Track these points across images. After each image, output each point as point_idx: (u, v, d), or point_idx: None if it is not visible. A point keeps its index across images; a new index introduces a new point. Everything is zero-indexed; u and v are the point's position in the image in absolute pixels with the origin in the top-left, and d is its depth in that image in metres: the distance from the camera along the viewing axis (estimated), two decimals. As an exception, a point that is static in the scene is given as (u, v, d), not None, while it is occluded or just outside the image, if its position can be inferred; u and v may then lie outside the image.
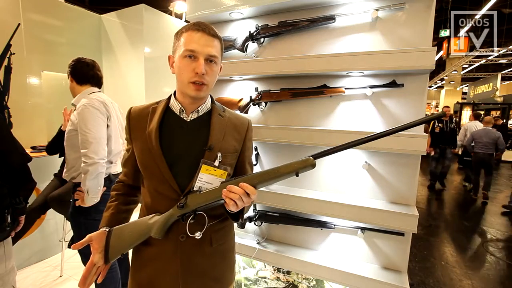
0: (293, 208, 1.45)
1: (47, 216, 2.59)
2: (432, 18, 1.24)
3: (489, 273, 2.73)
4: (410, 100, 1.31)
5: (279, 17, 1.51)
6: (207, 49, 0.80)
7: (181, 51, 0.80)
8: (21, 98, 2.98)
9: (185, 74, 0.80)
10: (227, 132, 0.89)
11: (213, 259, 0.90)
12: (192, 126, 0.87)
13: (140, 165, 0.88)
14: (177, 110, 0.87)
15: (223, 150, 0.86)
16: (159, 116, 0.86)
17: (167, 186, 0.83)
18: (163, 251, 0.85)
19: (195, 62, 0.80)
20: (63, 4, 3.52)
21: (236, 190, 0.75)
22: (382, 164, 1.39)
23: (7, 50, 2.83)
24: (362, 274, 1.34)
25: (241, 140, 0.94)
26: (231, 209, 0.77)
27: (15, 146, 1.27)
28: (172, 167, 0.82)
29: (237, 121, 0.94)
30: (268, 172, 0.77)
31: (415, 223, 1.21)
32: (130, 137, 0.91)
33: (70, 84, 1.70)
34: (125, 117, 0.93)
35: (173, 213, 0.81)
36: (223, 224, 0.94)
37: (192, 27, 0.81)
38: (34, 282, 2.27)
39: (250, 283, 1.75)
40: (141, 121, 0.88)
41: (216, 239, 0.90)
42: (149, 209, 0.88)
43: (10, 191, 1.23)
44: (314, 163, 0.76)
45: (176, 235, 0.85)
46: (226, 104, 1.65)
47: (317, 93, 1.43)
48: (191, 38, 0.80)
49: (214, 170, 0.81)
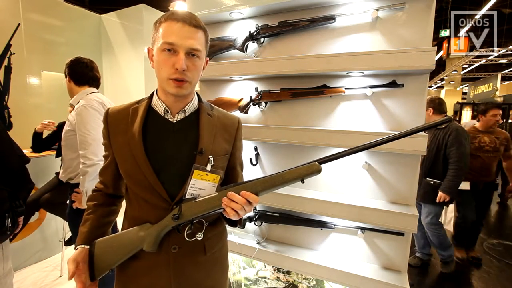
0: (293, 208, 1.45)
1: (47, 216, 2.59)
2: (432, 18, 1.24)
3: (489, 273, 2.73)
4: (410, 100, 1.31)
5: (279, 17, 1.51)
6: (188, 41, 0.70)
7: (159, 44, 0.71)
8: (21, 98, 2.98)
9: (164, 69, 0.72)
10: (217, 133, 0.82)
11: (207, 269, 0.85)
12: (179, 128, 0.79)
13: (123, 173, 0.80)
14: (161, 110, 0.78)
15: (215, 153, 0.79)
16: (141, 118, 0.77)
17: (155, 195, 0.76)
18: (153, 265, 0.78)
19: (175, 56, 0.71)
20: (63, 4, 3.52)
21: (238, 199, 0.69)
22: (382, 164, 1.39)
23: (7, 50, 2.83)
24: (362, 274, 1.34)
25: (232, 141, 0.87)
26: (232, 218, 0.72)
27: (13, 148, 1.27)
28: (160, 174, 0.75)
29: (227, 120, 0.87)
30: (272, 178, 0.72)
31: (415, 223, 1.21)
32: (109, 142, 0.81)
33: (68, 84, 1.68)
34: (102, 120, 0.83)
35: (167, 224, 0.74)
36: (216, 230, 0.88)
37: (171, 16, 0.71)
38: (34, 282, 2.27)
39: (250, 283, 1.75)
40: (121, 124, 0.79)
41: (210, 247, 0.85)
42: (136, 219, 0.79)
43: (10, 194, 1.22)
44: (320, 168, 0.71)
45: (168, 247, 0.78)
46: (226, 104, 1.65)
47: (317, 93, 1.43)
48: (170, 29, 0.70)
49: (207, 175, 0.76)
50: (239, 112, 1.62)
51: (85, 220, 0.84)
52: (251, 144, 1.68)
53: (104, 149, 0.85)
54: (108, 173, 0.85)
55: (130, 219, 0.82)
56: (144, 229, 0.76)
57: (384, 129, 1.36)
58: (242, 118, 1.68)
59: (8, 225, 1.20)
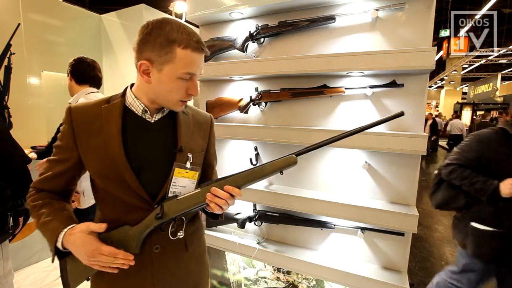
0: (293, 208, 1.45)
1: (47, 216, 2.58)
2: (432, 18, 1.24)
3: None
4: (410, 100, 1.31)
5: (279, 17, 1.51)
6: (201, 67, 0.74)
7: (177, 72, 0.69)
8: (21, 98, 2.98)
9: (178, 94, 0.72)
10: (193, 131, 0.84)
11: (189, 265, 0.85)
12: (157, 128, 0.78)
13: (96, 175, 0.76)
14: (139, 110, 0.76)
15: (193, 151, 0.81)
16: (119, 118, 0.74)
17: (134, 196, 0.74)
18: (135, 267, 0.74)
19: (189, 82, 0.72)
20: (63, 4, 3.52)
21: (222, 194, 0.71)
22: (382, 164, 1.39)
23: (7, 50, 2.82)
24: (362, 274, 1.34)
25: (206, 138, 0.89)
26: (216, 212, 0.74)
27: (15, 148, 1.28)
28: (140, 175, 0.73)
29: (200, 117, 0.89)
30: (253, 172, 0.75)
31: (415, 223, 1.21)
32: (74, 144, 0.74)
33: (69, 83, 1.69)
34: (64, 119, 0.76)
35: (148, 224, 0.73)
36: (195, 226, 0.89)
37: (195, 46, 0.69)
38: (34, 282, 2.27)
39: (250, 283, 1.75)
40: (91, 124, 0.74)
41: (191, 243, 0.85)
42: (113, 223, 0.75)
43: (12, 193, 1.23)
44: (296, 160, 0.78)
45: (150, 247, 0.77)
46: (226, 104, 1.65)
47: (317, 93, 1.43)
48: (193, 60, 0.70)
49: (187, 172, 0.77)
50: (239, 112, 1.62)
51: (39, 215, 0.73)
52: (251, 144, 1.68)
53: (60, 152, 0.77)
54: (62, 178, 0.77)
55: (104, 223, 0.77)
56: (124, 232, 0.74)
57: (384, 129, 1.36)
58: (242, 118, 1.69)
59: (10, 223, 1.21)
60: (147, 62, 0.70)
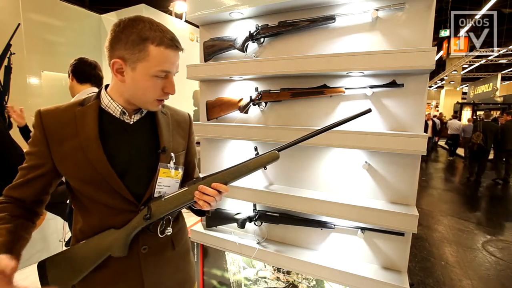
0: (293, 208, 1.45)
1: (47, 216, 2.58)
2: (432, 18, 1.24)
3: (489, 273, 2.73)
4: (410, 100, 1.31)
5: (279, 17, 1.51)
6: (177, 65, 0.73)
7: (151, 69, 0.68)
8: (21, 98, 2.98)
9: (153, 93, 0.71)
10: (174, 130, 0.84)
11: (176, 263, 0.86)
12: (137, 129, 0.77)
13: (76, 181, 0.73)
14: (117, 112, 0.74)
15: (175, 150, 0.82)
16: (95, 121, 0.71)
17: (119, 199, 0.72)
18: (122, 270, 0.74)
19: (165, 79, 0.71)
20: (63, 4, 3.52)
21: (210, 191, 0.73)
22: (382, 164, 1.39)
23: (7, 50, 2.83)
24: (362, 274, 1.34)
25: (186, 136, 0.90)
26: (205, 209, 0.75)
27: (15, 148, 1.28)
28: (124, 177, 0.72)
29: (179, 117, 0.90)
30: (239, 168, 0.79)
31: (415, 223, 1.21)
32: (47, 150, 0.71)
33: (70, 82, 1.70)
34: (34, 124, 0.73)
35: (136, 225, 0.72)
36: (180, 224, 0.90)
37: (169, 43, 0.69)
38: (34, 282, 2.27)
39: (250, 283, 1.75)
40: (66, 128, 0.72)
41: (177, 241, 0.86)
42: (96, 228, 0.74)
43: None
44: (278, 156, 0.86)
45: (138, 248, 0.76)
46: (226, 104, 1.65)
47: (317, 93, 1.43)
48: (167, 58, 0.69)
49: (171, 172, 0.78)
50: (239, 112, 1.62)
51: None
52: (251, 144, 1.68)
53: (32, 159, 0.73)
54: (36, 184, 0.73)
55: (86, 229, 0.75)
56: (109, 235, 0.72)
57: (384, 129, 1.36)
58: (242, 118, 1.69)
59: None
60: (120, 60, 0.68)
